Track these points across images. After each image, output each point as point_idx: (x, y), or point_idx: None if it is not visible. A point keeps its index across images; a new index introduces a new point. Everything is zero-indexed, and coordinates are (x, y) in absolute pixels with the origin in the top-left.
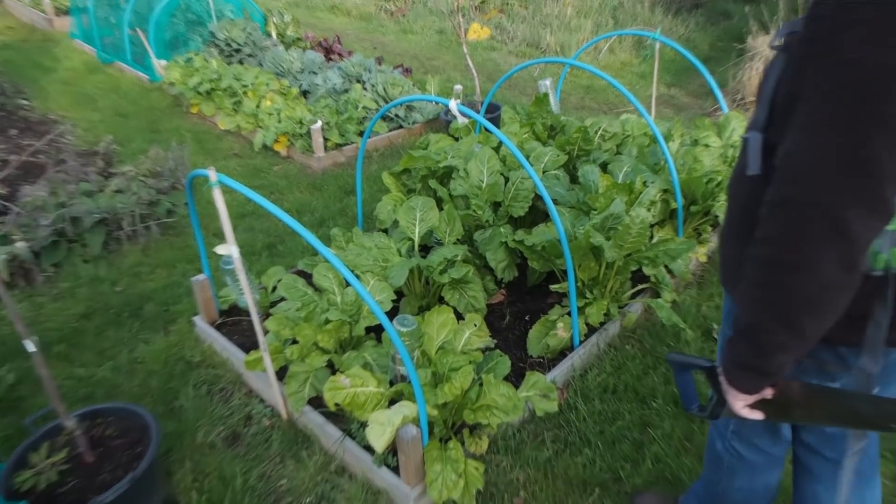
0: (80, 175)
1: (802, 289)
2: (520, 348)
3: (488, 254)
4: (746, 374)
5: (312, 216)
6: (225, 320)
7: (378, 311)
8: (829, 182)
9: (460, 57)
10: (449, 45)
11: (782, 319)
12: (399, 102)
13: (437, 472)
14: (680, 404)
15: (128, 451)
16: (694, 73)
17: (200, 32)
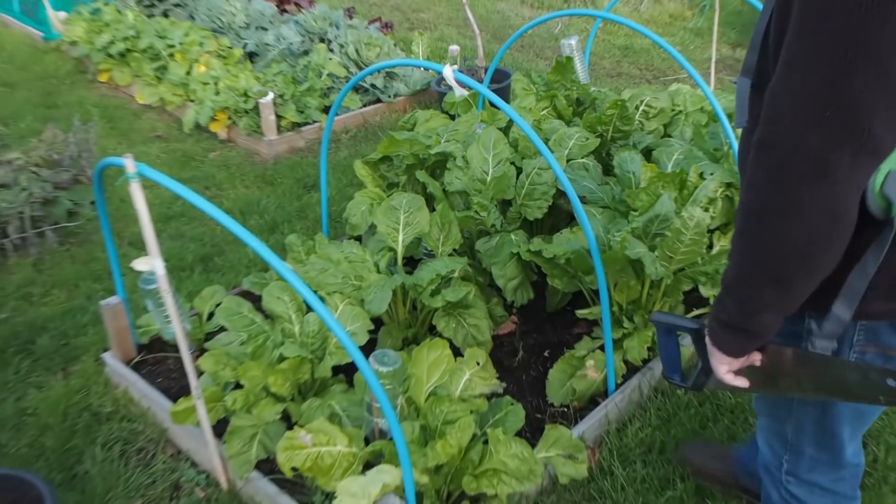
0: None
1: (786, 237)
2: (536, 394)
3: (495, 269)
4: (732, 335)
5: (262, 219)
6: (145, 357)
7: (350, 346)
8: (811, 118)
9: (457, 8)
10: None
11: (767, 272)
12: (377, 69)
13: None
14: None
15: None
16: None
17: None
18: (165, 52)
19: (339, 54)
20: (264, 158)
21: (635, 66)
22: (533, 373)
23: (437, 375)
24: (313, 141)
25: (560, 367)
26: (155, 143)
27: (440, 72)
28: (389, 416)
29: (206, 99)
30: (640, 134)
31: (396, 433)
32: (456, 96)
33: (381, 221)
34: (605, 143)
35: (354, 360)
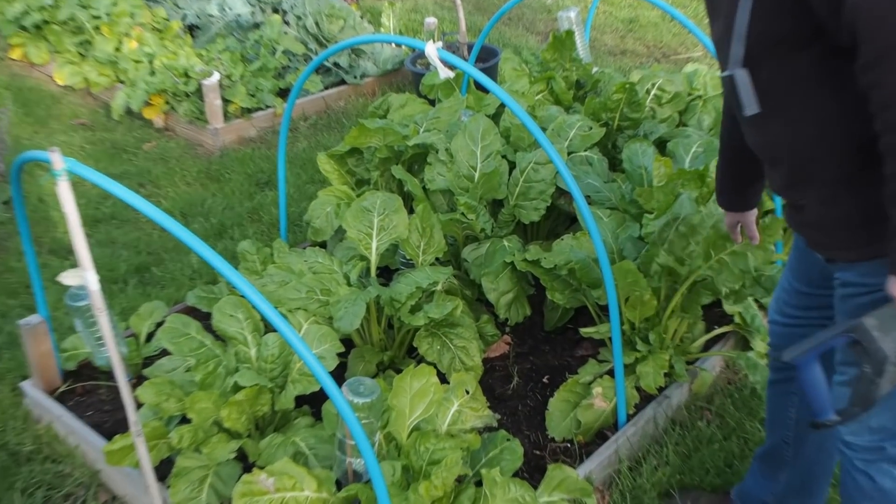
0: None
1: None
2: (535, 427)
3: (485, 281)
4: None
5: (207, 222)
6: (72, 386)
7: (320, 372)
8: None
9: None
10: None
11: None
12: (345, 45)
13: None
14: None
15: None
16: None
17: None
18: (90, 25)
19: (296, 28)
20: (209, 150)
21: (642, 42)
22: (530, 402)
23: (421, 408)
24: (267, 129)
25: (562, 396)
26: (78, 133)
27: (421, 49)
28: (367, 455)
29: (139, 80)
30: (651, 123)
31: (375, 475)
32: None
33: (350, 225)
34: (610, 134)
35: (325, 389)
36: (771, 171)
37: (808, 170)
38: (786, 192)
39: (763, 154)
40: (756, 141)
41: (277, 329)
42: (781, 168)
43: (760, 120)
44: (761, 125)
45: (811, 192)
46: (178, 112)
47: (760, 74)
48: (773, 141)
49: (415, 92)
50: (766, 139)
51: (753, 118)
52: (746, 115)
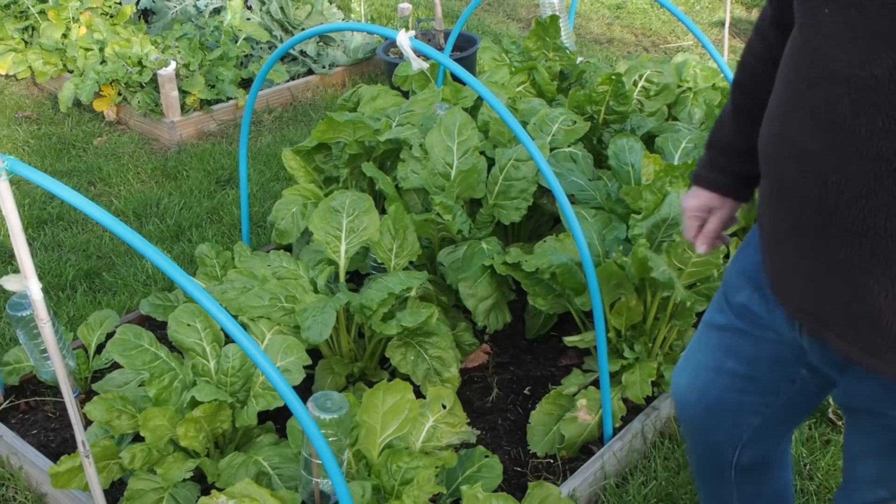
0: None
1: None
2: (515, 442)
3: (462, 286)
4: None
5: (162, 223)
6: (15, 403)
7: (283, 387)
8: None
9: None
10: None
11: None
12: (312, 34)
13: None
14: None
15: None
16: None
17: None
18: (35, 10)
19: (259, 13)
20: (165, 145)
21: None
22: (511, 415)
23: (395, 425)
24: (228, 123)
25: (544, 409)
26: (22, 126)
27: (392, 38)
28: (334, 475)
29: (89, 69)
30: (639, 116)
31: (343, 496)
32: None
33: (317, 227)
34: (596, 128)
35: (288, 404)
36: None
37: None
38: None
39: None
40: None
41: (236, 340)
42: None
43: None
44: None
45: None
46: (132, 104)
47: None
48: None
49: (387, 83)
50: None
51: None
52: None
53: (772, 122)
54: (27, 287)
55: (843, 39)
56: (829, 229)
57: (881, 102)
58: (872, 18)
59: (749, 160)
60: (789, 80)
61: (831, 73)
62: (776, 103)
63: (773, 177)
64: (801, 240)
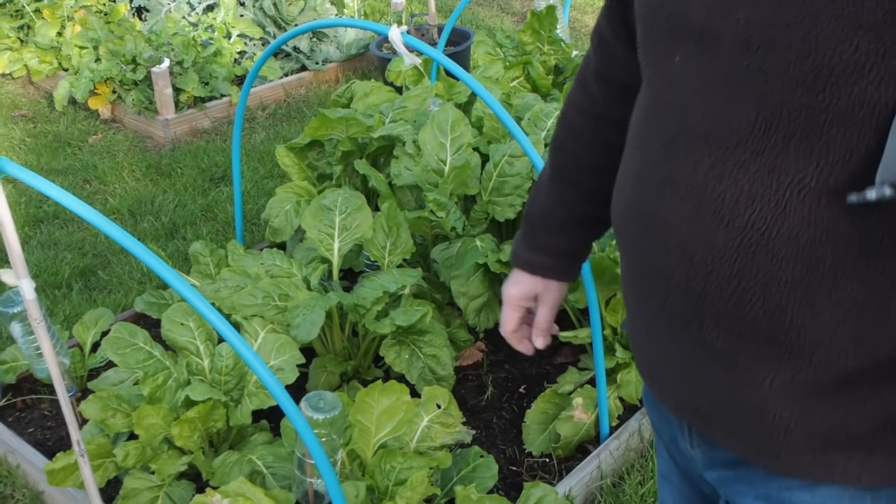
0: None
1: None
2: (511, 441)
3: (455, 284)
4: None
5: (157, 220)
6: (12, 401)
7: (275, 387)
8: None
9: None
10: None
11: None
12: (304, 30)
13: None
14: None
15: None
16: None
17: None
18: (30, 8)
19: (252, 10)
20: (159, 143)
21: None
22: (506, 414)
23: (390, 426)
24: (221, 120)
25: (540, 408)
26: (18, 125)
27: (385, 34)
28: (327, 475)
29: (84, 67)
30: None
31: (336, 497)
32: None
33: (310, 225)
34: None
35: (280, 404)
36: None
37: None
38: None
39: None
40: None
41: (227, 340)
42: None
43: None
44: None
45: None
46: (126, 102)
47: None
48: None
49: (381, 79)
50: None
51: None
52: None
53: (624, 190)
54: (20, 284)
55: (699, 90)
56: (700, 313)
57: (746, 162)
58: (729, 64)
59: (573, 233)
60: (640, 141)
61: (688, 131)
62: (627, 168)
63: (631, 252)
64: (669, 325)
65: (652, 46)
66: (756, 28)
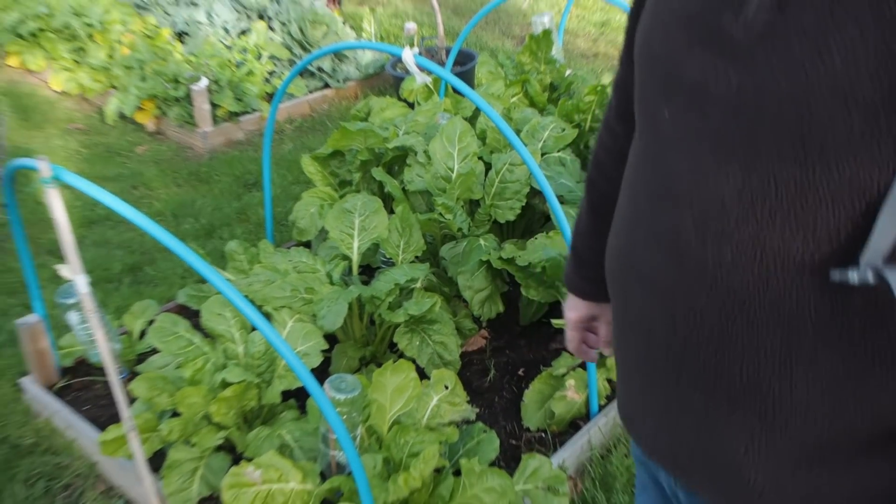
0: None
1: None
2: (511, 418)
3: (461, 278)
4: None
5: (197, 222)
6: (70, 382)
7: (301, 371)
8: None
9: None
10: None
11: None
12: (327, 51)
13: None
14: None
15: None
16: None
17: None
18: (83, 33)
19: (280, 34)
20: (198, 153)
21: (613, 45)
22: (506, 394)
23: (401, 402)
24: (253, 133)
25: (536, 388)
26: (74, 137)
27: (398, 55)
28: (348, 448)
29: (131, 86)
30: None
31: (356, 468)
32: (417, 83)
33: (333, 226)
34: (583, 135)
35: (307, 387)
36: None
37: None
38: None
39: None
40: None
41: (258, 328)
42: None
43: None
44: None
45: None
46: (169, 116)
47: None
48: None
49: (395, 95)
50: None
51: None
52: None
53: (615, 237)
54: (76, 280)
55: (685, 150)
56: (679, 369)
57: (729, 231)
58: (717, 126)
59: None
60: (630, 192)
61: (673, 191)
62: (619, 215)
63: (618, 298)
64: (649, 375)
65: (645, 97)
66: (748, 94)
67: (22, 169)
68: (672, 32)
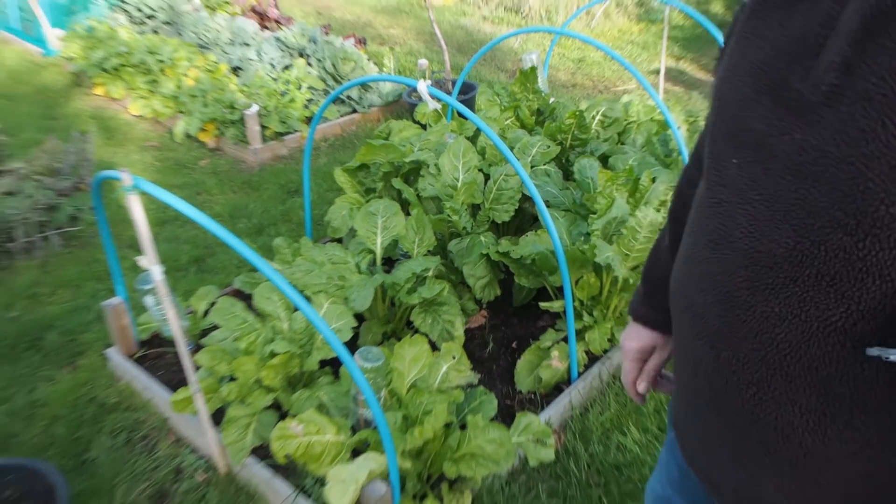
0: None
1: None
2: (506, 382)
3: (466, 268)
4: None
5: (249, 222)
6: (146, 352)
7: (336, 343)
8: None
9: (424, 23)
10: (409, 10)
11: None
12: (357, 83)
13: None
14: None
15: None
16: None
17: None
18: (156, 67)
19: (317, 68)
20: (250, 165)
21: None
22: (502, 363)
23: (416, 369)
24: (295, 149)
25: (527, 358)
26: (149, 152)
27: (414, 87)
28: (374, 407)
29: (195, 111)
30: (596, 142)
31: (381, 423)
32: (429, 108)
33: (360, 226)
34: (564, 151)
35: (340, 357)
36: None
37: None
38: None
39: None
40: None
41: (300, 309)
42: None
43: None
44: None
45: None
46: (226, 135)
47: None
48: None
49: (410, 119)
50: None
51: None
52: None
53: (677, 269)
54: (152, 269)
55: (746, 201)
56: (719, 405)
57: (778, 287)
58: (777, 183)
59: None
60: (692, 230)
61: (730, 238)
62: (682, 250)
63: (676, 324)
64: (694, 401)
65: (715, 141)
66: (808, 154)
67: (108, 179)
68: (744, 81)
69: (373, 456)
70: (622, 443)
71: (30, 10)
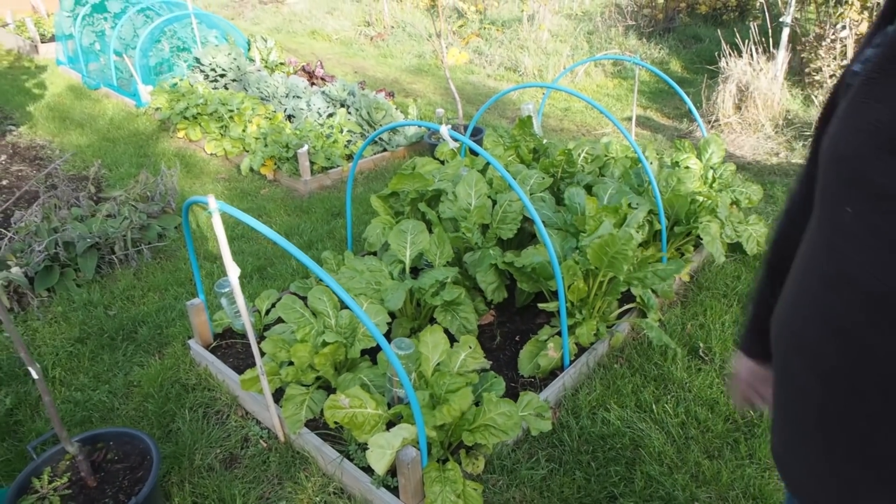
0: (71, 200)
1: None
2: (511, 368)
3: (478, 275)
4: None
5: (301, 238)
6: (219, 343)
7: (378, 335)
8: None
9: (440, 80)
10: (428, 69)
11: None
12: (391, 128)
13: (436, 493)
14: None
15: (128, 475)
16: (668, 95)
17: (185, 58)
18: (227, 115)
19: (355, 116)
20: (301, 193)
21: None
22: (508, 353)
23: (437, 354)
24: (337, 180)
25: (528, 349)
26: (220, 183)
27: (437, 130)
28: (407, 387)
29: (258, 150)
30: (582, 174)
31: (412, 400)
32: (448, 147)
33: (393, 241)
34: (556, 182)
35: (381, 345)
36: None
37: None
38: None
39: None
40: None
41: (350, 307)
42: None
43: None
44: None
45: None
46: (282, 170)
47: None
48: None
49: (431, 155)
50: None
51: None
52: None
53: (783, 309)
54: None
55: (865, 246)
56: (830, 436)
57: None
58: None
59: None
60: (802, 269)
61: (848, 279)
62: (787, 291)
63: (778, 360)
64: (798, 433)
65: (828, 192)
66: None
67: (195, 203)
68: (860, 139)
69: (405, 426)
70: (606, 417)
71: (127, 70)
